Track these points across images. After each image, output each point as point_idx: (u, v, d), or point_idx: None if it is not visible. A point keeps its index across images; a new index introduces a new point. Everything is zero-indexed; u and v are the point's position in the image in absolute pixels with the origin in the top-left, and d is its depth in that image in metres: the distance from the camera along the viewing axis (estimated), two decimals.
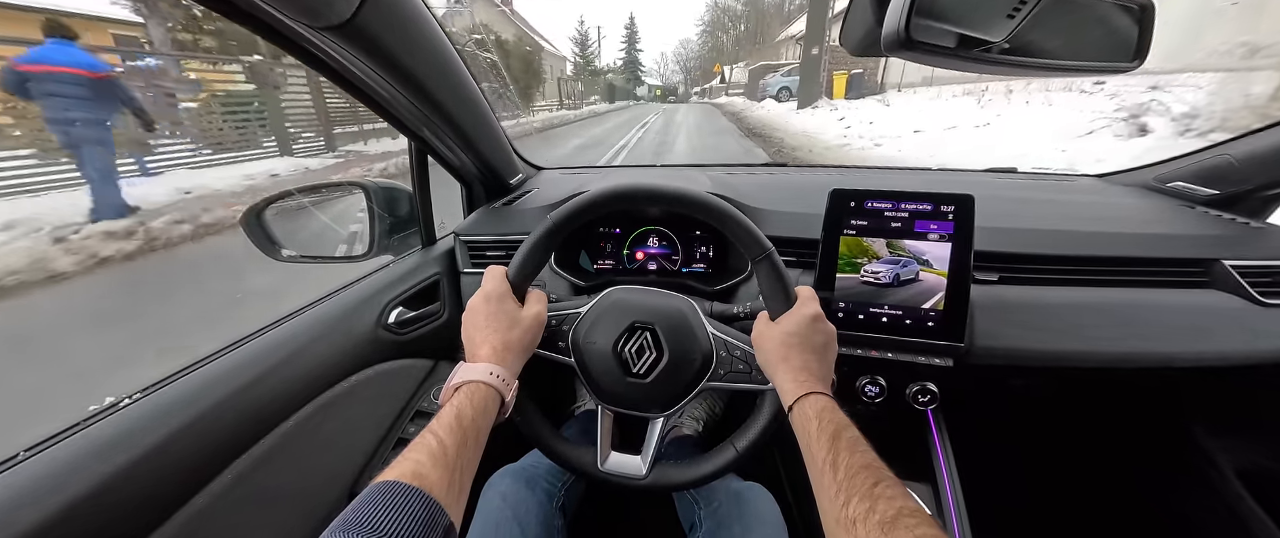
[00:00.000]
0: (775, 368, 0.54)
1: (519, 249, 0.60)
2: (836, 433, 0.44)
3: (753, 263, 0.60)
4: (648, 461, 0.62)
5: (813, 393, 0.49)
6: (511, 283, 0.58)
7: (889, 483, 0.39)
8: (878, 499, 0.37)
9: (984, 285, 0.76)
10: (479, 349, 0.53)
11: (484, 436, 0.46)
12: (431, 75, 0.61)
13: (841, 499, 0.39)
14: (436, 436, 0.41)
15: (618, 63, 72.46)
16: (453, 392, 0.48)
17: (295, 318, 0.65)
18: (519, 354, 0.55)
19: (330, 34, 0.44)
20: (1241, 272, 0.73)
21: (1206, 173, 0.91)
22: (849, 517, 0.37)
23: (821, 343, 0.55)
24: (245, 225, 0.82)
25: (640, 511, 1.08)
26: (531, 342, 0.58)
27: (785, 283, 0.58)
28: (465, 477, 0.42)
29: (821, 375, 0.53)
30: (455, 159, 0.87)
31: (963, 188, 0.69)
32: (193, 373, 0.51)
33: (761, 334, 0.57)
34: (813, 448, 0.45)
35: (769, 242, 0.59)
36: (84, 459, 0.40)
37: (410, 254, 0.90)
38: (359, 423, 0.65)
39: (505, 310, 0.55)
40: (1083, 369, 0.75)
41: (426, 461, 0.39)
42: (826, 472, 0.42)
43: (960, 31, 0.49)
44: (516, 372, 0.54)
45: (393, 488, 0.36)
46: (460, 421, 0.44)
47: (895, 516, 0.35)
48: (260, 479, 0.50)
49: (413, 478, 0.37)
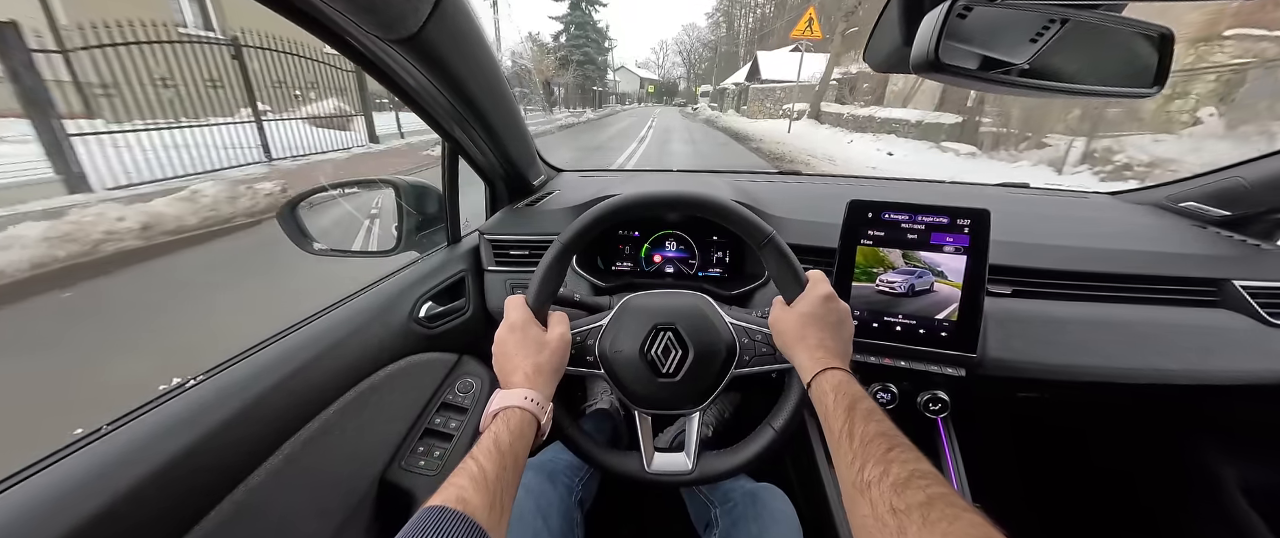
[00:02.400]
0: (793, 348, 0.56)
1: (534, 275, 0.61)
2: (852, 404, 0.46)
3: (759, 251, 0.61)
4: (692, 455, 0.63)
5: (830, 368, 0.51)
6: (532, 309, 0.60)
7: (903, 448, 0.40)
8: (892, 463, 0.39)
9: (997, 298, 0.78)
10: (512, 376, 0.55)
11: (522, 459, 0.48)
12: (476, 82, 0.64)
13: (857, 465, 0.40)
14: (477, 462, 0.43)
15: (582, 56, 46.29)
16: (491, 418, 0.50)
17: (338, 309, 0.68)
18: (550, 376, 0.57)
19: (395, 45, 0.47)
20: (1252, 292, 0.75)
21: (1219, 194, 0.92)
22: (864, 480, 0.39)
23: (836, 321, 0.57)
24: (280, 219, 0.85)
25: (653, 505, 1.10)
26: (561, 362, 0.59)
27: (794, 265, 0.60)
28: (506, 500, 0.43)
29: (839, 351, 0.55)
30: (484, 159, 0.90)
31: (976, 202, 0.71)
32: (248, 359, 0.54)
33: (778, 318, 0.59)
34: (830, 419, 0.46)
35: (770, 227, 0.61)
36: (156, 436, 0.43)
37: (437, 251, 0.93)
38: (392, 411, 0.68)
39: (531, 336, 0.57)
40: (1092, 384, 0.76)
41: (469, 486, 0.41)
42: (844, 441, 0.43)
43: (985, 54, 0.51)
44: (550, 394, 0.56)
45: (441, 514, 0.38)
46: (499, 446, 0.45)
47: (908, 477, 0.37)
48: (306, 460, 0.53)
49: (457, 503, 0.39)
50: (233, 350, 0.56)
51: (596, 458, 0.64)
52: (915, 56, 0.46)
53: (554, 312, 0.63)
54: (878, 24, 0.60)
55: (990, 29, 0.48)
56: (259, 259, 3.39)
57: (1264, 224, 0.88)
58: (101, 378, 1.88)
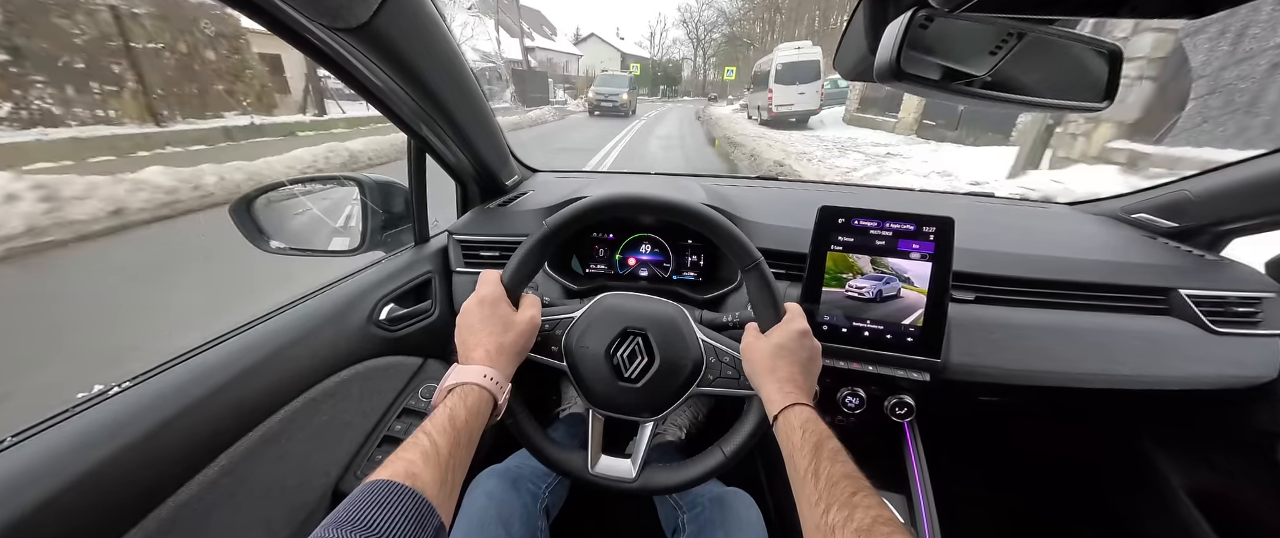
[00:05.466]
0: (762, 378, 0.56)
1: (514, 254, 0.61)
2: (819, 443, 0.46)
3: (743, 272, 0.61)
4: (637, 464, 0.63)
5: (797, 404, 0.51)
6: (506, 287, 0.59)
7: (867, 493, 0.41)
8: (856, 508, 0.39)
9: (961, 305, 0.80)
10: (473, 352, 0.53)
11: (476, 437, 0.47)
12: (438, 76, 0.62)
13: (821, 507, 0.40)
14: (429, 436, 0.42)
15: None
16: (446, 393, 0.49)
17: (288, 311, 0.65)
18: (512, 358, 0.56)
19: (346, 35, 0.45)
20: (1196, 301, 0.78)
21: (1166, 207, 0.97)
22: (828, 523, 0.39)
23: (807, 357, 0.57)
24: (233, 215, 0.81)
25: (622, 513, 1.09)
26: (525, 346, 0.58)
27: (774, 294, 0.60)
28: (457, 477, 0.42)
29: (806, 388, 0.55)
30: (453, 157, 0.87)
31: (944, 210, 0.73)
32: (183, 363, 0.51)
33: (750, 346, 0.59)
34: (795, 457, 0.46)
35: (759, 253, 0.61)
36: (71, 448, 0.40)
37: (403, 251, 0.90)
38: (348, 418, 0.65)
39: (499, 314, 0.56)
40: (1050, 388, 0.78)
41: (419, 460, 0.39)
42: (808, 480, 0.43)
43: (946, 65, 0.52)
44: (510, 375, 0.55)
45: (386, 487, 0.36)
46: (453, 422, 0.44)
47: (871, 523, 0.37)
48: (248, 471, 0.50)
49: (406, 477, 0.37)
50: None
51: (543, 451, 0.64)
52: (878, 65, 0.47)
53: (527, 294, 0.62)
54: (846, 33, 0.61)
55: (951, 41, 0.49)
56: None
57: (1208, 236, 0.92)
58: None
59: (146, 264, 3.26)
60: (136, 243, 3.53)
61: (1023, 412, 1.13)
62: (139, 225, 3.71)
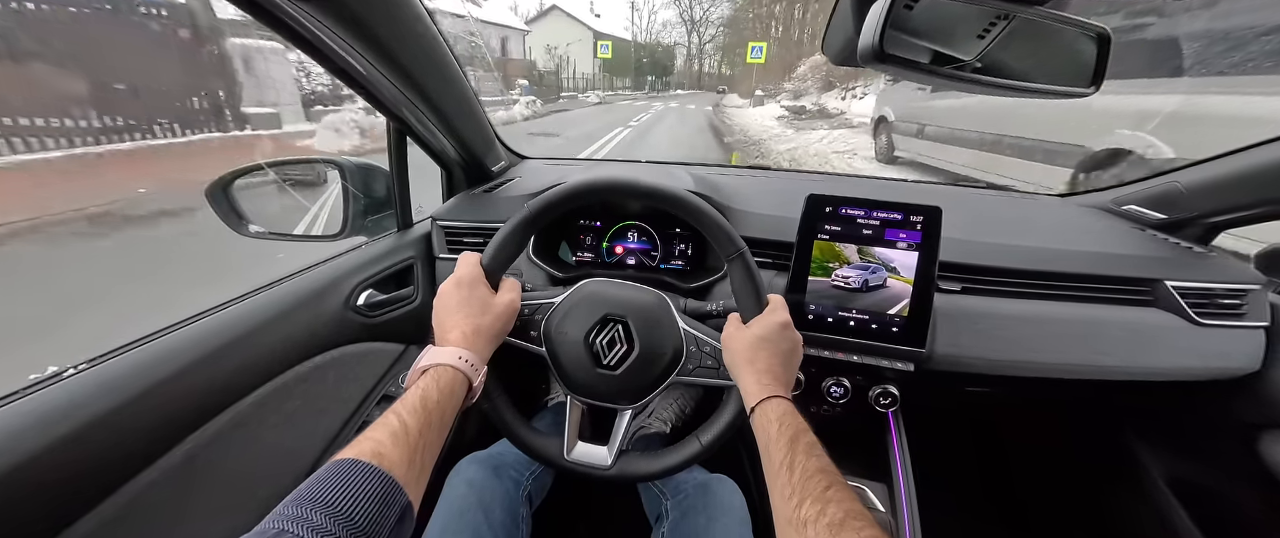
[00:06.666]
0: (741, 370, 0.55)
1: (495, 236, 0.60)
2: (795, 437, 0.46)
3: (727, 261, 0.61)
4: (614, 451, 0.63)
5: (775, 397, 0.51)
6: (485, 269, 0.58)
7: (840, 487, 0.40)
8: (829, 502, 0.39)
9: (947, 295, 0.79)
10: (449, 333, 0.53)
11: (449, 419, 0.46)
12: (413, 55, 0.60)
13: (795, 501, 0.40)
14: (399, 416, 0.41)
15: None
16: (419, 374, 0.48)
17: (260, 294, 0.63)
18: (489, 341, 0.55)
19: (310, 6, 0.43)
20: (1182, 293, 0.78)
21: (1157, 198, 0.96)
22: (801, 518, 0.39)
23: (788, 350, 0.57)
24: (211, 197, 0.80)
25: (606, 502, 1.09)
26: (503, 329, 0.58)
27: (757, 284, 0.59)
28: (427, 458, 0.41)
29: (785, 380, 0.54)
30: (436, 142, 0.86)
31: (932, 200, 0.72)
32: (146, 345, 0.50)
33: (731, 336, 0.59)
34: (771, 450, 0.46)
35: (743, 242, 0.60)
36: (18, 430, 0.38)
37: (385, 237, 0.88)
38: (323, 404, 0.64)
39: (477, 296, 0.56)
40: (1034, 379, 0.78)
41: (387, 440, 0.38)
42: (783, 473, 0.43)
43: (933, 48, 0.51)
44: (486, 358, 0.54)
45: (351, 466, 0.35)
46: (425, 403, 0.43)
47: (844, 518, 0.37)
48: (214, 457, 0.49)
49: (372, 457, 0.36)
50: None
51: (519, 435, 0.63)
52: (862, 47, 0.46)
53: (507, 278, 0.61)
54: (832, 16, 0.59)
55: (937, 23, 0.48)
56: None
57: (1197, 228, 0.92)
58: None
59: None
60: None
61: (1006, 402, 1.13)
62: None
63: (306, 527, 0.31)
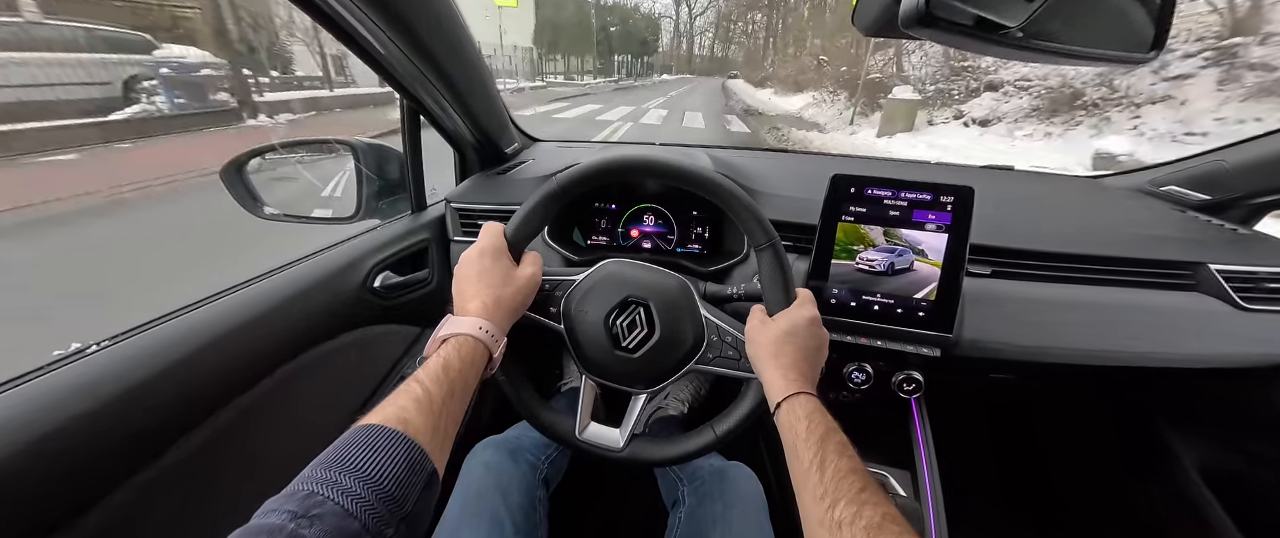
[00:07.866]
0: (765, 364, 0.54)
1: (520, 208, 0.58)
2: (825, 435, 0.44)
3: (756, 251, 0.58)
4: (626, 434, 0.62)
5: (802, 393, 0.49)
6: (509, 240, 0.57)
7: (874, 490, 0.39)
8: (864, 505, 0.37)
9: (976, 279, 0.77)
10: (469, 303, 0.51)
11: (470, 389, 0.45)
12: (431, 32, 0.59)
13: (827, 502, 0.39)
14: (422, 384, 0.40)
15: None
16: (439, 342, 0.47)
17: (278, 274, 0.63)
18: (509, 313, 0.54)
19: None
20: (1226, 276, 0.75)
21: (1200, 179, 0.92)
22: (835, 519, 0.37)
23: (815, 346, 0.55)
24: (225, 178, 0.79)
25: (623, 485, 1.09)
26: (523, 302, 0.56)
27: (787, 277, 0.57)
28: (450, 427, 0.41)
29: (810, 377, 0.53)
30: (450, 123, 0.84)
31: (961, 181, 0.69)
32: (166, 323, 0.49)
33: (755, 329, 0.57)
34: (799, 448, 0.45)
35: (775, 232, 0.58)
36: (43, 406, 0.38)
37: (399, 218, 0.88)
38: (342, 385, 0.64)
39: (499, 267, 0.54)
40: (1065, 366, 0.76)
41: (411, 407, 0.38)
42: (813, 473, 0.42)
43: (978, 13, 0.47)
44: (505, 330, 0.53)
45: (378, 431, 0.35)
46: (447, 371, 0.42)
47: (881, 521, 0.36)
48: (237, 435, 0.49)
49: (397, 423, 0.36)
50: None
51: (533, 411, 0.63)
52: (905, 10, 0.43)
53: (529, 252, 0.60)
54: None
55: None
56: None
57: (1242, 209, 0.88)
58: None
59: None
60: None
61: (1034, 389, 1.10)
62: None
63: (337, 490, 0.30)
